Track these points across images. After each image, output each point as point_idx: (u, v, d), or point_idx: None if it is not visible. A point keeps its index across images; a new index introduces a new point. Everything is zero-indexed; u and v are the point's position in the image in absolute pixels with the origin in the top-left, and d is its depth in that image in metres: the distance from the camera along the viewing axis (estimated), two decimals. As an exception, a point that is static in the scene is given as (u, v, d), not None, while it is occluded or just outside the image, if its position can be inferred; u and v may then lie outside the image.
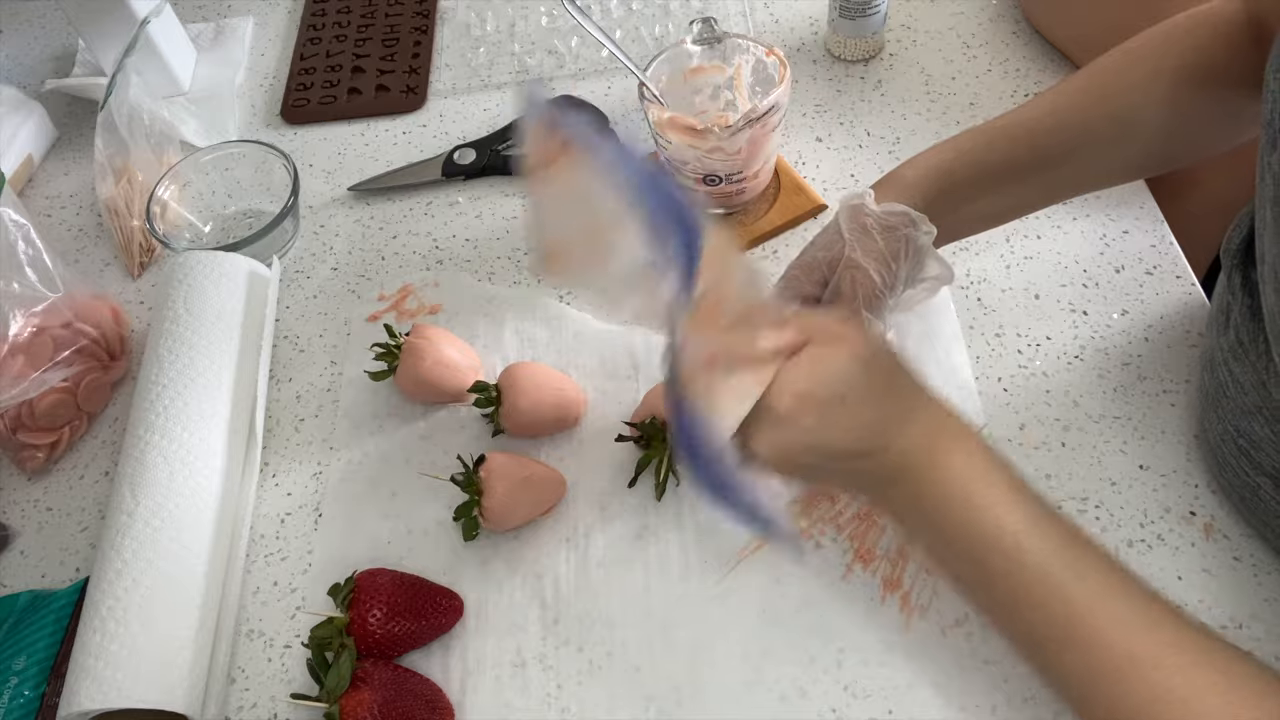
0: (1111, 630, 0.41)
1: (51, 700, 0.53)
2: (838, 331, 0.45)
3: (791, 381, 0.43)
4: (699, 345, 0.42)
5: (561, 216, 0.44)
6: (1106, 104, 0.54)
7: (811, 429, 0.43)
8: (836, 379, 0.44)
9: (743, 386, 0.43)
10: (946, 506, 0.44)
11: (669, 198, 0.41)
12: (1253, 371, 0.49)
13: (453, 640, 0.54)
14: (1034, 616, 0.42)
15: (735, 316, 0.43)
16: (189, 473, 0.57)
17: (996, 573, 0.43)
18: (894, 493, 0.46)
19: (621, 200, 0.40)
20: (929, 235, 0.53)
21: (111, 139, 0.75)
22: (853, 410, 0.44)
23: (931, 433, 0.45)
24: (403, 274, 0.72)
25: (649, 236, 0.40)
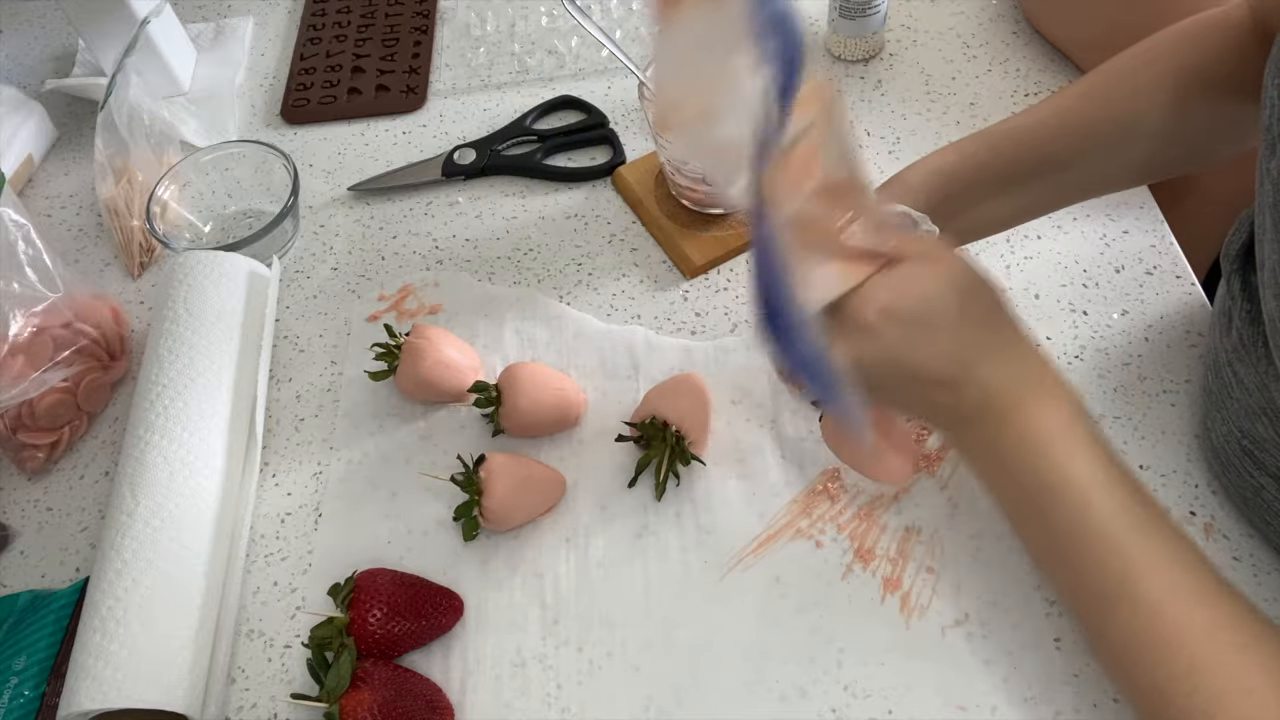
0: (1167, 596, 0.40)
1: (51, 700, 0.53)
2: (938, 254, 0.44)
3: (883, 292, 0.42)
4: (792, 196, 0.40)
5: (684, 63, 0.42)
6: (1111, 108, 0.54)
7: (895, 345, 0.42)
8: (930, 300, 0.42)
9: (828, 275, 0.41)
10: (1021, 453, 0.43)
11: (789, 15, 0.38)
12: (1256, 373, 0.49)
13: (453, 640, 0.54)
14: (1091, 571, 0.42)
15: (834, 182, 0.41)
16: (189, 473, 0.57)
17: (1060, 524, 0.43)
18: (971, 431, 0.45)
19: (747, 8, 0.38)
20: (931, 234, 0.53)
21: (111, 139, 0.75)
22: (941, 336, 0.43)
23: (1019, 375, 0.44)
24: (403, 274, 0.72)
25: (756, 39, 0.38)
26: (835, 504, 0.57)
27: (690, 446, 0.57)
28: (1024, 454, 0.43)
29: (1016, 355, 0.45)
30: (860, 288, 0.42)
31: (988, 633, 0.52)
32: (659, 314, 0.67)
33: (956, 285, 0.43)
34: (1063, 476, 0.42)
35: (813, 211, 0.41)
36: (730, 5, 0.39)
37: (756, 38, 0.38)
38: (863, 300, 0.42)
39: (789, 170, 0.40)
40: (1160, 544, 0.41)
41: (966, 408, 0.44)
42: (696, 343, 0.65)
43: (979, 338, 0.44)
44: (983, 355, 0.43)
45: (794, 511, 0.57)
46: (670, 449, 0.57)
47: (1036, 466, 0.43)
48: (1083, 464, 0.43)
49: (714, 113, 0.41)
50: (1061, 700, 0.49)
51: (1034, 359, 0.45)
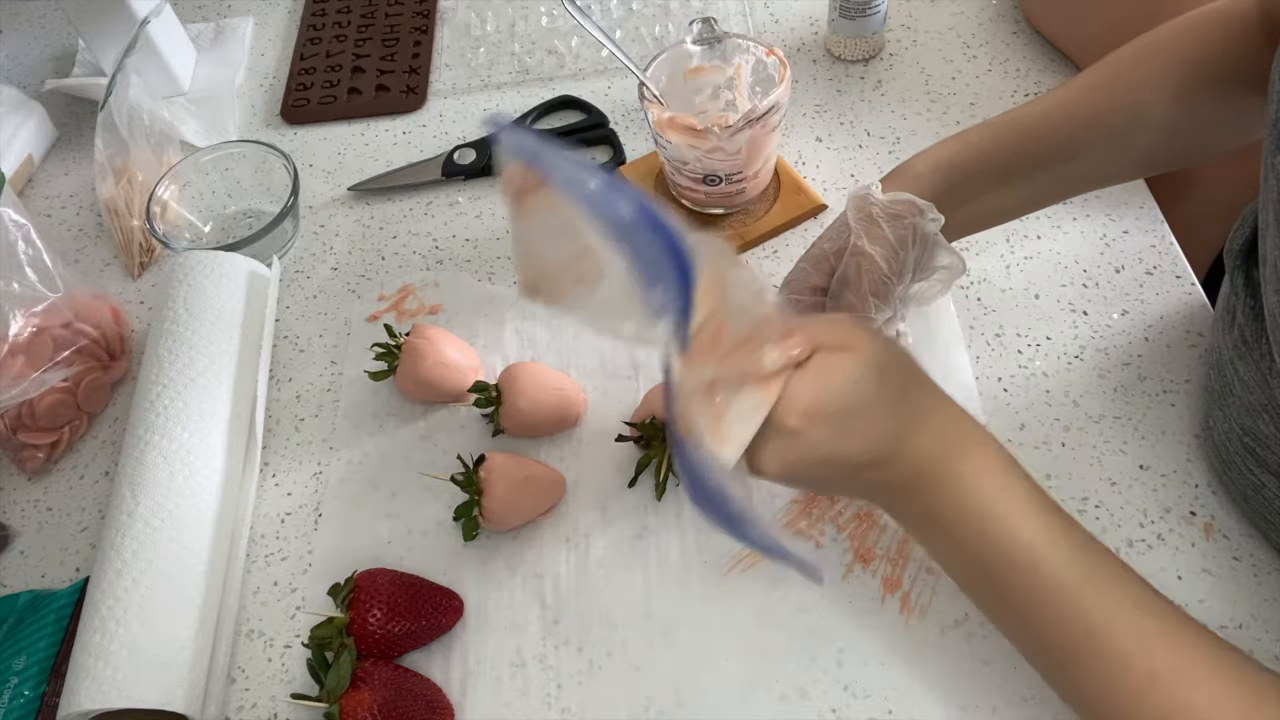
0: (1130, 643, 0.40)
1: (51, 700, 0.53)
2: (846, 338, 0.43)
3: (800, 395, 0.42)
4: (697, 376, 0.41)
5: (545, 245, 0.43)
6: (1116, 99, 0.54)
7: (821, 442, 0.42)
8: (846, 388, 0.42)
9: (747, 408, 0.42)
10: (961, 517, 0.43)
11: (659, 236, 0.38)
12: (1256, 370, 0.49)
13: (453, 640, 0.54)
14: (1050, 629, 0.42)
15: (739, 338, 0.42)
16: (189, 473, 0.57)
17: (1012, 584, 0.42)
18: (907, 503, 0.45)
19: (606, 240, 0.38)
20: (936, 223, 0.53)
21: (111, 139, 0.75)
22: (864, 420, 0.42)
23: (946, 440, 0.44)
24: (403, 274, 0.72)
25: (637, 276, 0.38)
26: (835, 504, 0.57)
27: (690, 446, 0.57)
28: (966, 518, 0.43)
29: (940, 421, 0.44)
30: (780, 397, 0.42)
31: (988, 633, 0.52)
32: (659, 314, 0.67)
33: (870, 366, 0.43)
34: (1009, 536, 0.42)
35: (724, 368, 0.41)
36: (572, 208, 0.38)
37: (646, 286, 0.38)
38: (784, 409, 0.42)
39: (696, 355, 0.41)
40: (1117, 592, 0.41)
41: (901, 480, 0.44)
42: (696, 343, 0.65)
43: (902, 413, 0.43)
44: (908, 429, 0.43)
45: (794, 511, 0.57)
46: (670, 449, 0.57)
47: (981, 528, 0.43)
48: (1024, 520, 0.42)
49: (585, 280, 0.42)
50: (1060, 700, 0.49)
51: (957, 421, 0.45)
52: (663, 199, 0.72)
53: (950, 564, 0.46)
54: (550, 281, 0.44)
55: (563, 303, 0.45)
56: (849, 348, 0.43)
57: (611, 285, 0.40)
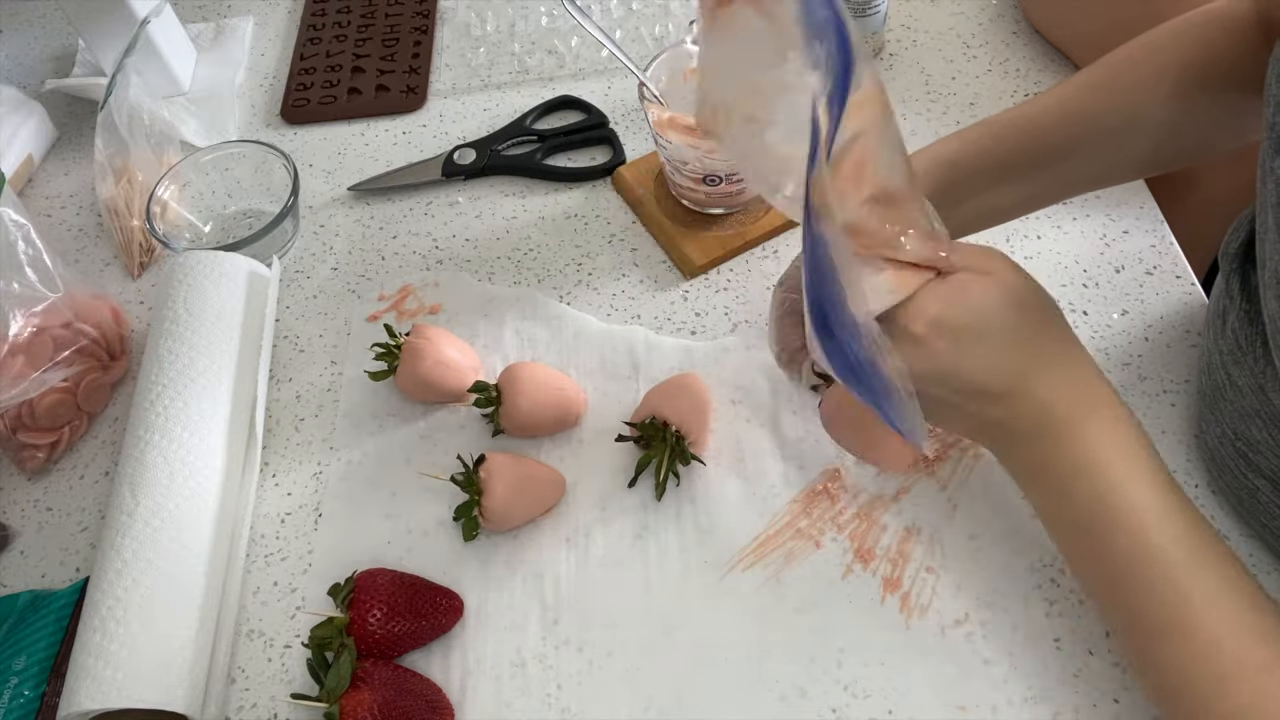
0: (1222, 628, 0.39)
1: (51, 700, 0.53)
2: (993, 265, 0.43)
3: (934, 303, 0.41)
4: (840, 205, 0.39)
5: (730, 66, 0.41)
6: (1114, 98, 0.54)
7: (943, 356, 0.41)
8: (981, 313, 0.41)
9: (881, 285, 0.40)
10: (1076, 474, 0.42)
11: (839, 20, 0.37)
12: (1250, 375, 0.49)
13: (453, 640, 0.54)
14: (1145, 599, 0.41)
15: (888, 189, 0.40)
16: (189, 473, 0.57)
17: (1116, 550, 0.42)
18: (1024, 447, 0.44)
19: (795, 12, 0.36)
20: None
21: (111, 139, 0.75)
22: (993, 348, 0.41)
23: (1075, 390, 0.43)
24: (403, 274, 0.72)
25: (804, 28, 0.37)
26: (835, 504, 0.57)
27: (690, 446, 0.57)
28: (1081, 475, 0.42)
29: (1072, 370, 0.44)
30: (910, 299, 0.41)
31: (988, 633, 0.52)
32: (659, 314, 0.67)
33: (1009, 297, 0.42)
34: (1121, 500, 0.41)
35: (864, 220, 0.40)
36: (779, 8, 0.38)
37: (806, 42, 0.37)
38: (912, 312, 0.41)
39: (840, 177, 0.39)
40: (1219, 576, 0.40)
41: (1020, 423, 0.43)
42: (696, 343, 0.65)
43: (1033, 351, 0.42)
44: (1037, 369, 0.42)
45: (794, 511, 0.57)
46: (670, 449, 0.57)
47: (1094, 488, 0.42)
48: (1142, 488, 0.42)
49: (761, 118, 0.40)
50: (1061, 700, 0.49)
51: (1090, 374, 0.44)
52: (662, 199, 0.72)
53: (1055, 519, 0.45)
54: (725, 114, 0.42)
55: (733, 138, 0.43)
56: (993, 273, 0.42)
57: (781, 131, 0.39)
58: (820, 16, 0.37)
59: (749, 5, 0.39)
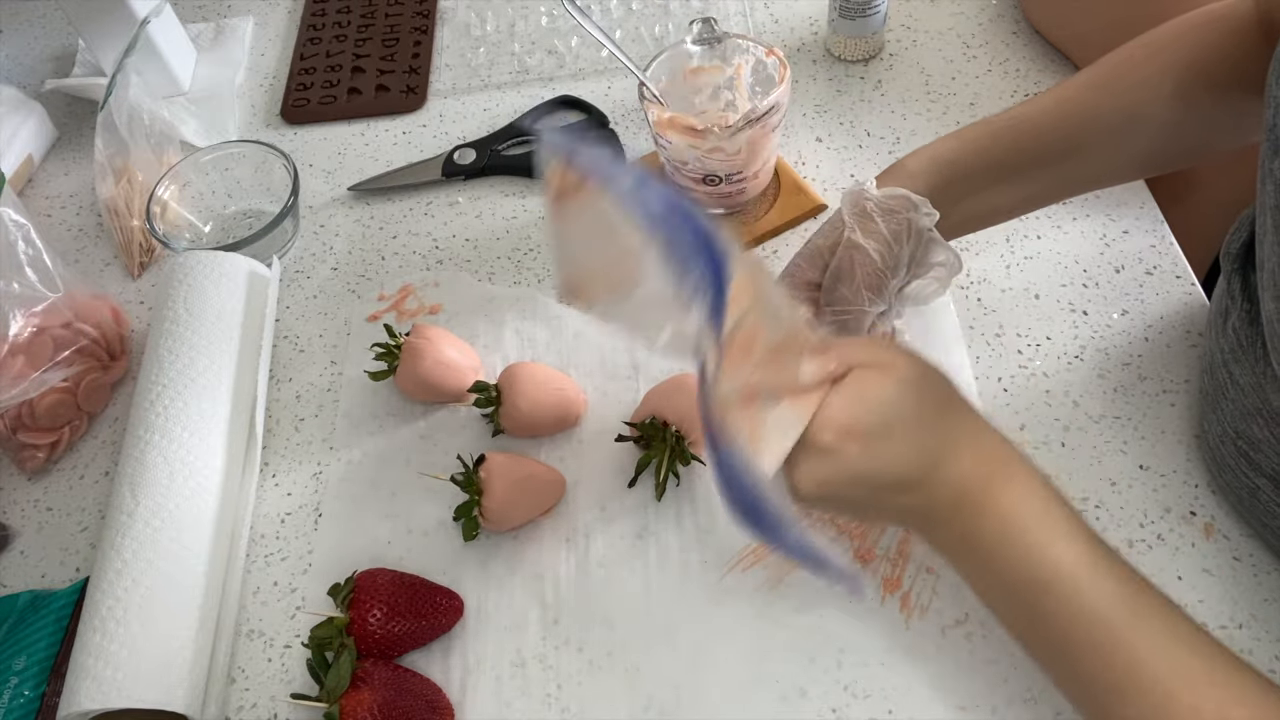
0: (1173, 679, 0.39)
1: (51, 700, 0.53)
2: (883, 357, 0.43)
3: (836, 412, 0.41)
4: (734, 381, 0.41)
5: (583, 248, 0.43)
6: (1114, 99, 0.54)
7: (857, 460, 0.41)
8: (883, 407, 0.42)
9: (785, 420, 0.41)
10: (1001, 544, 0.42)
11: (693, 229, 0.39)
12: (1251, 374, 0.49)
13: (453, 640, 0.54)
14: (1091, 661, 0.41)
15: (771, 348, 0.42)
16: (189, 473, 0.57)
17: (1052, 614, 0.41)
18: (945, 528, 0.44)
19: (642, 233, 0.38)
20: (930, 218, 0.52)
21: (111, 139, 0.75)
22: (901, 439, 0.42)
23: (985, 462, 0.43)
24: (403, 274, 0.72)
25: (673, 269, 0.38)
26: (835, 504, 0.57)
27: (690, 446, 0.57)
28: (1006, 544, 0.42)
29: (978, 442, 0.44)
30: (817, 413, 0.42)
31: (988, 633, 0.52)
32: (659, 314, 0.67)
33: (907, 385, 0.42)
34: (1051, 566, 0.41)
35: (758, 379, 0.41)
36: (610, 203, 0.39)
37: (678, 278, 0.38)
38: (818, 426, 0.42)
39: (730, 360, 0.41)
40: (1160, 627, 0.40)
41: (938, 505, 0.43)
42: (696, 343, 0.65)
43: (939, 433, 0.43)
44: (945, 450, 0.43)
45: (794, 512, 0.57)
46: (670, 449, 0.57)
47: (1021, 557, 0.42)
48: (1069, 550, 0.42)
49: (624, 284, 0.42)
50: (1061, 700, 0.49)
51: (996, 443, 0.44)
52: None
53: (988, 593, 0.45)
54: (588, 285, 0.44)
55: (599, 307, 0.45)
56: (885, 366, 0.43)
57: (648, 290, 0.40)
58: (685, 241, 0.38)
59: (589, 195, 0.40)
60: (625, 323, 0.45)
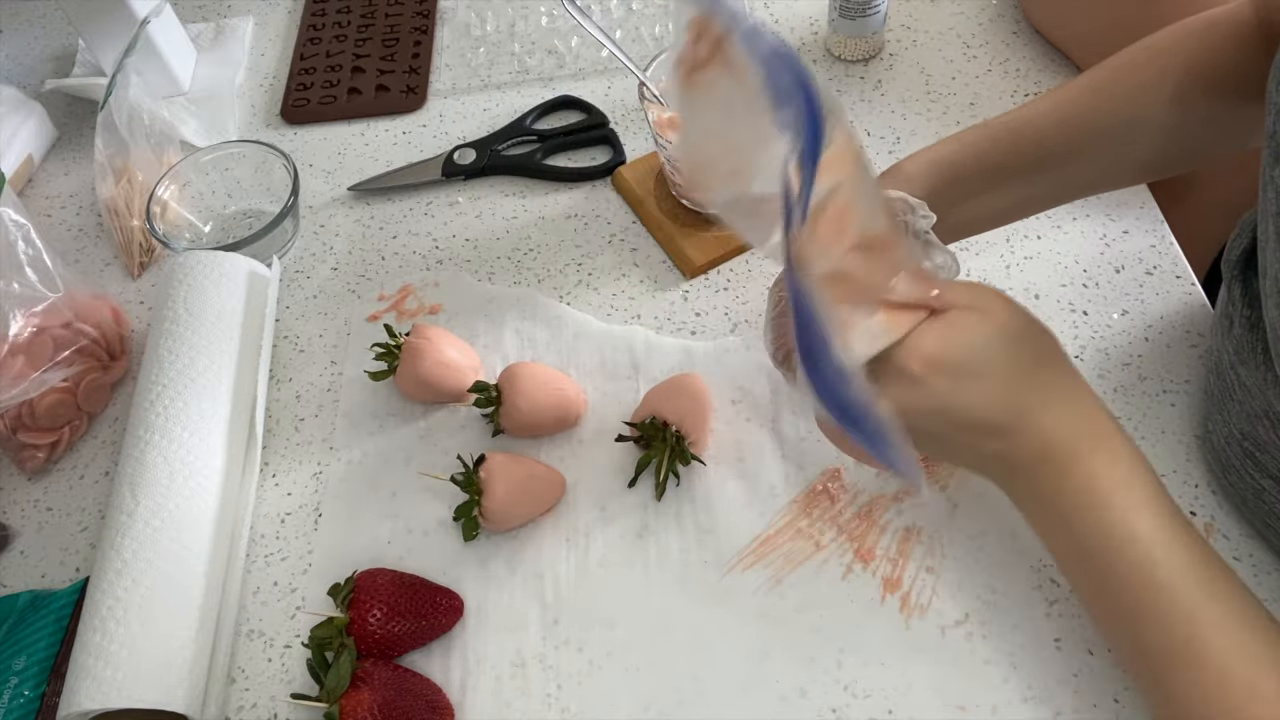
0: (1233, 656, 0.39)
1: (51, 700, 0.53)
2: (984, 300, 0.43)
3: (929, 342, 0.41)
4: (824, 256, 0.39)
5: (709, 126, 0.42)
6: (1114, 102, 0.54)
7: (942, 393, 0.41)
8: (978, 349, 0.41)
9: (874, 329, 0.41)
10: (1079, 506, 0.42)
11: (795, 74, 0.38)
12: (1257, 377, 0.49)
13: (453, 640, 0.54)
14: (1154, 630, 0.41)
15: (868, 239, 0.41)
16: (189, 473, 0.57)
17: (1122, 581, 0.41)
18: (1028, 480, 0.44)
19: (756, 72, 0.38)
20: (927, 220, 0.52)
21: (111, 139, 0.75)
22: (992, 383, 0.41)
23: (1076, 423, 0.43)
24: (403, 274, 0.72)
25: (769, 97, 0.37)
26: (835, 504, 0.57)
27: (690, 446, 0.57)
28: (1086, 506, 0.42)
29: (1073, 403, 0.43)
30: (905, 339, 0.41)
31: (988, 633, 0.52)
32: (659, 314, 0.67)
33: (1005, 332, 0.42)
34: (1127, 531, 0.41)
35: (852, 267, 0.41)
36: (747, 74, 0.39)
37: (773, 108, 0.38)
38: (908, 351, 0.41)
39: (822, 229, 0.40)
40: (1227, 604, 0.40)
41: (1023, 456, 0.43)
42: (696, 343, 0.65)
43: (1032, 384, 0.42)
44: (1038, 402, 0.42)
45: (794, 511, 0.57)
46: (670, 449, 0.57)
47: (1100, 520, 0.42)
48: (1146, 518, 0.41)
49: (745, 171, 0.41)
50: (1061, 700, 0.49)
51: (1092, 407, 0.44)
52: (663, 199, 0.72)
53: (1061, 551, 0.45)
54: (709, 172, 0.43)
55: (719, 195, 0.44)
56: (987, 310, 0.42)
57: (766, 182, 0.39)
58: (784, 82, 0.38)
59: (720, 69, 0.40)
60: (740, 213, 0.44)
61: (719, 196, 0.44)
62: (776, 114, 0.38)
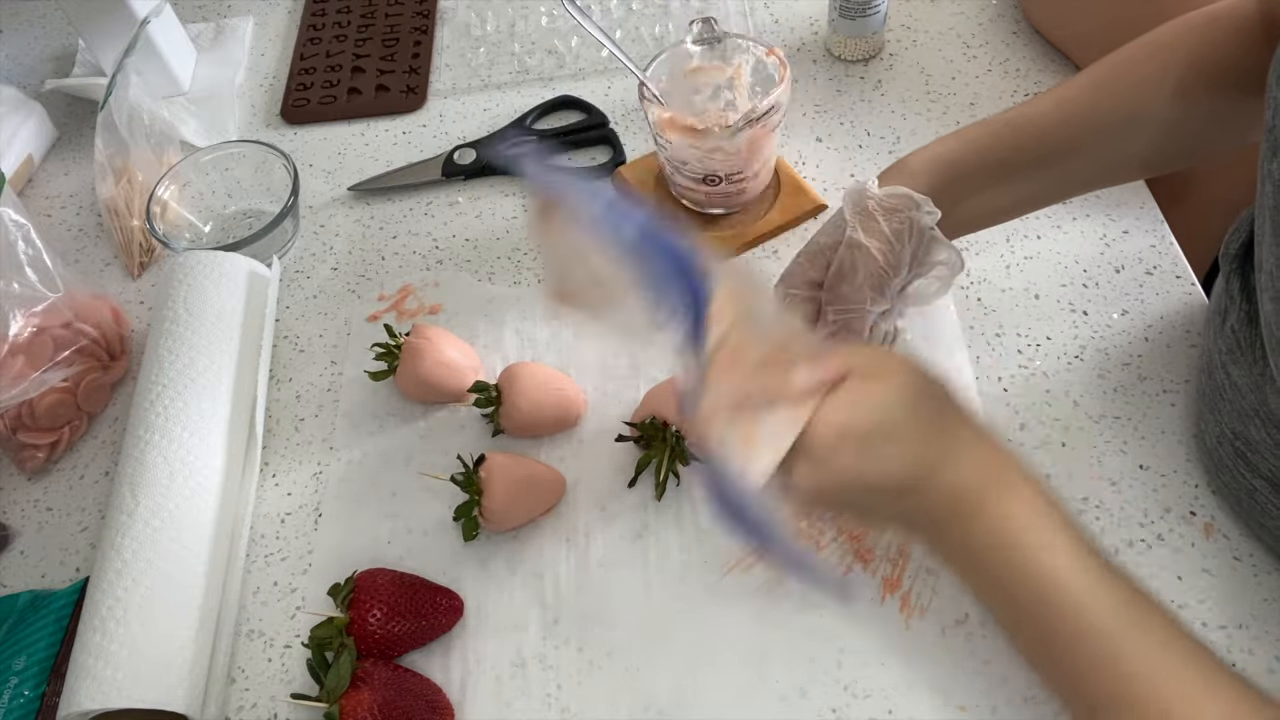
0: (1169, 692, 0.39)
1: (51, 700, 0.53)
2: (880, 364, 0.43)
3: (833, 414, 0.41)
4: (722, 393, 0.41)
5: (567, 265, 0.44)
6: (1115, 98, 0.54)
7: (853, 465, 0.42)
8: (881, 412, 0.42)
9: (779, 426, 0.41)
10: (1000, 552, 0.42)
11: (668, 254, 0.39)
12: (1249, 375, 0.49)
13: (453, 640, 0.54)
14: (1088, 672, 0.41)
15: (760, 360, 0.42)
16: (189, 473, 0.57)
17: (1049, 624, 0.41)
18: (944, 534, 0.44)
19: (615, 258, 0.39)
20: (932, 216, 0.52)
21: (111, 139, 0.75)
22: (897, 443, 0.42)
23: (984, 470, 0.43)
24: (403, 274, 0.72)
25: (649, 294, 0.39)
26: (835, 504, 0.57)
27: (690, 446, 0.57)
28: (1007, 553, 0.42)
29: (977, 449, 0.44)
30: (813, 417, 0.42)
31: (988, 633, 0.52)
32: (659, 314, 0.67)
33: (905, 392, 0.42)
34: (1047, 573, 0.41)
35: (749, 389, 0.41)
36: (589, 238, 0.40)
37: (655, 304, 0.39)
38: (815, 428, 0.41)
39: (717, 373, 0.41)
40: (1156, 639, 0.40)
41: (936, 509, 0.43)
42: (696, 343, 0.65)
43: (936, 439, 0.43)
44: (943, 455, 0.43)
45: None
46: (670, 449, 0.57)
47: (1017, 561, 0.42)
48: (1062, 555, 0.41)
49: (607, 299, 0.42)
50: (1061, 700, 0.49)
51: (995, 450, 0.44)
52: (663, 199, 0.72)
53: (986, 598, 0.45)
54: (577, 296, 0.45)
55: (590, 316, 0.45)
56: (882, 372, 0.43)
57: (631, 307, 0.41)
58: (660, 269, 0.39)
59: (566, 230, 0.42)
60: (615, 331, 0.45)
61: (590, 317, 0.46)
62: (659, 311, 0.40)
